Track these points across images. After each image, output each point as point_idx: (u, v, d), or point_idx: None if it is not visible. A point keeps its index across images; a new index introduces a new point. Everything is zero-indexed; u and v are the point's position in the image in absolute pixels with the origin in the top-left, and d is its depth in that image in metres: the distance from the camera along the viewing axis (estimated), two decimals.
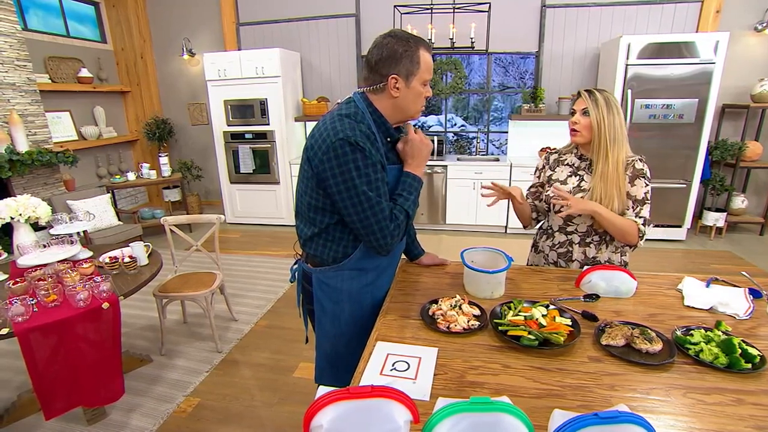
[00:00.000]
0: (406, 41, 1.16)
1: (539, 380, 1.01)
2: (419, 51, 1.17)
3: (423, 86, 1.22)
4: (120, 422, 2.05)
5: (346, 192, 1.15)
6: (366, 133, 1.16)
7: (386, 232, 1.19)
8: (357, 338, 1.35)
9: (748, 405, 0.92)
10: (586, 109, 1.49)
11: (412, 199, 1.26)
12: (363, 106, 1.22)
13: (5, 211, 2.12)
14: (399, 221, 1.21)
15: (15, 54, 3.66)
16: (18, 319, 1.68)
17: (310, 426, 0.74)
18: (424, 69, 1.19)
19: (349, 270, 1.31)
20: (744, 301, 1.33)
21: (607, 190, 1.50)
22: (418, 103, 1.24)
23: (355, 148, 1.12)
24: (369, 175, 1.14)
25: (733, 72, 4.19)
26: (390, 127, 1.26)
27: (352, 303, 1.34)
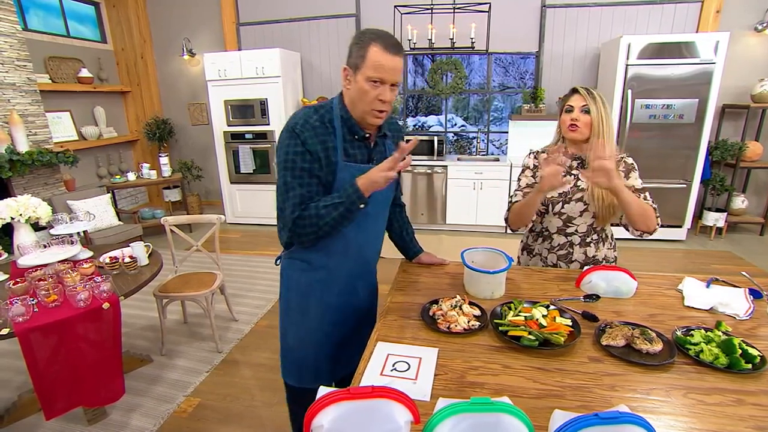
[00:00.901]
0: (362, 35, 1.17)
1: (539, 380, 1.01)
2: (369, 46, 1.13)
3: (370, 85, 1.15)
4: (120, 422, 2.05)
5: (278, 173, 1.24)
6: (314, 125, 1.19)
7: (291, 217, 1.20)
8: (306, 331, 1.39)
9: (749, 405, 0.92)
10: (585, 106, 1.49)
11: (335, 204, 1.18)
12: (336, 100, 1.26)
13: (6, 211, 2.13)
14: (306, 213, 1.19)
15: (15, 54, 3.66)
16: (18, 319, 1.68)
17: (311, 426, 0.74)
18: (369, 65, 1.13)
19: (299, 260, 1.35)
20: (744, 301, 1.33)
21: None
22: (365, 102, 1.18)
23: (292, 134, 1.18)
24: (295, 162, 1.18)
25: (734, 72, 4.19)
26: (354, 125, 1.24)
27: (299, 295, 1.37)
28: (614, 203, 1.51)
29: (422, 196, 4.79)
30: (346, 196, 1.18)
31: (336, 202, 1.18)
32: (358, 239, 1.34)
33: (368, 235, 1.39)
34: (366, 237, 1.37)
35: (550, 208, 1.63)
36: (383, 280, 1.63)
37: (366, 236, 1.37)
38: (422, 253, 1.68)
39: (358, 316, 1.48)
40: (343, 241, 1.31)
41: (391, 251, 1.71)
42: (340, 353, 1.46)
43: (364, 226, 1.33)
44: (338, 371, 1.49)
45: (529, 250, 1.77)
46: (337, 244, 1.31)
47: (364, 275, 1.46)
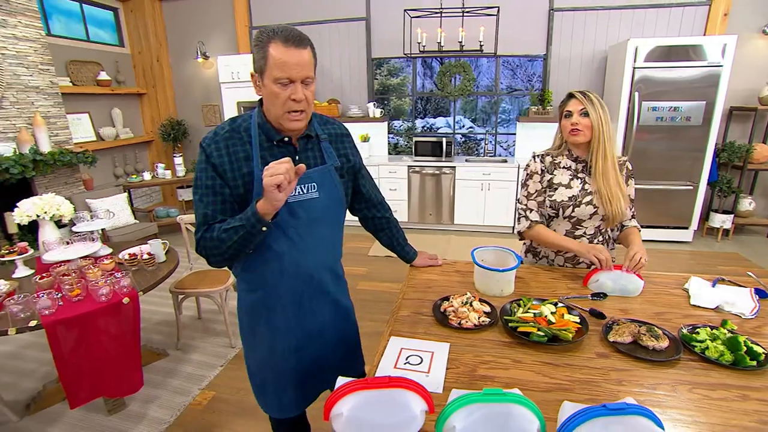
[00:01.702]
0: (259, 35, 1.05)
1: (548, 375, 1.06)
2: (269, 46, 1.02)
3: (279, 86, 1.04)
4: (139, 413, 2.12)
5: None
6: (223, 135, 1.11)
7: (196, 237, 1.13)
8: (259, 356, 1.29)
9: (753, 401, 0.95)
10: (584, 109, 1.52)
11: (235, 227, 1.06)
12: (257, 108, 1.17)
13: (32, 209, 2.21)
14: (208, 236, 1.10)
15: (39, 58, 3.78)
16: (45, 312, 1.76)
17: (331, 413, 0.79)
18: (272, 65, 1.02)
19: (242, 281, 1.26)
20: (750, 300, 1.36)
21: (611, 189, 1.54)
22: (277, 106, 1.07)
23: (201, 150, 1.13)
24: (200, 179, 1.12)
25: (741, 75, 4.18)
26: (270, 129, 1.13)
27: (247, 316, 1.27)
28: (621, 205, 1.55)
29: (430, 196, 4.84)
30: (245, 220, 1.05)
31: (236, 225, 1.06)
32: (294, 256, 1.18)
33: (307, 250, 1.20)
34: (303, 252, 1.19)
35: (561, 212, 1.64)
36: (391, 279, 1.66)
37: (303, 252, 1.19)
38: (417, 257, 1.66)
39: (322, 338, 1.31)
40: (276, 260, 1.17)
41: None
42: (307, 381, 1.31)
43: (299, 242, 1.17)
44: (310, 398, 1.36)
45: (535, 252, 1.79)
46: (271, 262, 1.17)
47: (314, 294, 1.26)
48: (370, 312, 2.98)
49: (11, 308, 1.71)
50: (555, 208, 1.64)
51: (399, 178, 4.82)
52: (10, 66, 3.56)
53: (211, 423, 2.07)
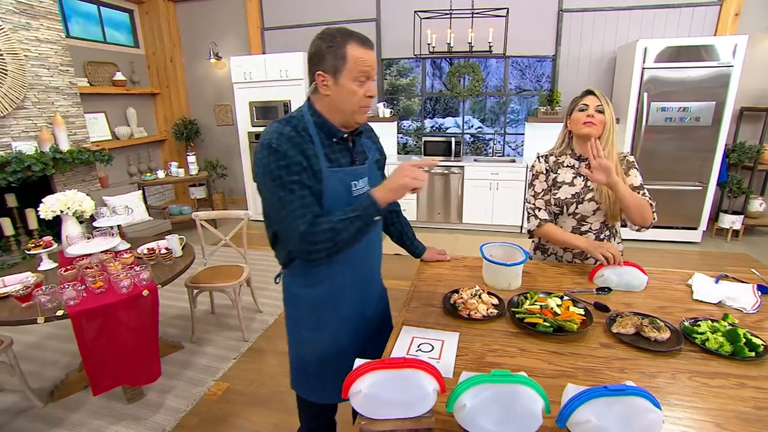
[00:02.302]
0: (332, 37, 1.11)
1: (554, 363, 1.11)
2: (346, 46, 1.09)
3: (358, 84, 1.13)
4: (156, 402, 2.20)
5: (267, 193, 1.15)
6: (289, 135, 1.12)
7: (296, 234, 1.10)
8: (323, 347, 1.33)
9: (750, 388, 0.99)
10: (600, 106, 1.57)
11: (352, 217, 1.11)
12: (305, 109, 1.20)
13: (56, 204, 2.30)
14: (319, 229, 1.10)
15: (59, 60, 3.90)
16: (71, 302, 1.85)
17: (350, 390, 0.85)
18: (352, 64, 1.10)
19: (301, 277, 1.29)
20: (752, 296, 1.39)
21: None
22: (353, 102, 1.15)
23: (270, 151, 1.10)
24: (281, 177, 1.10)
25: (753, 75, 4.18)
26: (332, 127, 1.19)
27: (310, 312, 1.31)
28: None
29: (439, 195, 4.88)
30: (362, 209, 1.11)
31: (351, 216, 1.11)
32: (359, 247, 1.24)
33: (368, 242, 1.31)
34: (366, 244, 1.29)
35: (565, 209, 1.68)
36: (401, 276, 1.70)
37: (366, 243, 1.28)
38: (425, 251, 1.71)
39: (374, 321, 1.44)
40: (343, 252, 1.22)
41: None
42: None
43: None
44: None
45: (543, 249, 1.83)
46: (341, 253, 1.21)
47: (370, 281, 1.40)
48: None
49: (40, 298, 1.80)
50: (559, 206, 1.69)
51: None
52: (32, 67, 3.68)
53: (225, 412, 2.14)
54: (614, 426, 0.78)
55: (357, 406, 0.82)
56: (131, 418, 2.09)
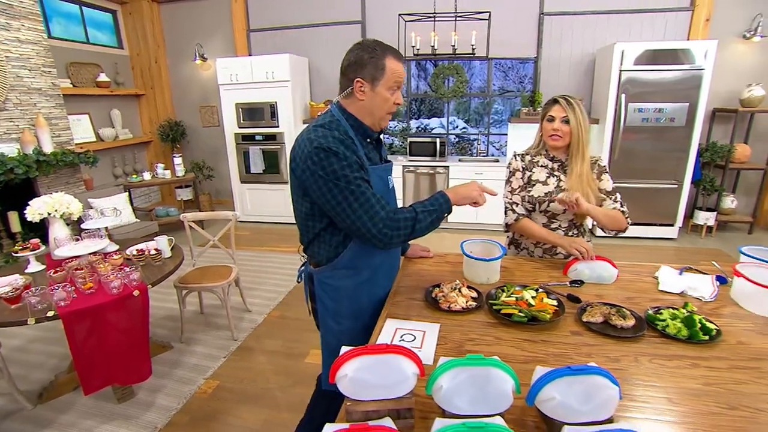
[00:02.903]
0: (373, 49, 1.23)
1: (527, 349, 1.19)
2: (385, 58, 1.23)
3: (390, 93, 1.27)
4: (147, 401, 2.23)
5: (329, 193, 1.21)
6: (340, 138, 1.22)
7: (377, 220, 1.20)
8: (361, 334, 1.41)
9: (702, 368, 1.09)
10: (566, 117, 1.66)
11: (431, 210, 1.28)
12: (338, 114, 1.30)
13: (43, 207, 2.31)
14: (401, 215, 1.23)
15: (41, 61, 3.87)
16: (61, 303, 1.87)
17: (337, 375, 0.91)
18: (389, 75, 1.24)
19: (344, 269, 1.37)
20: (710, 286, 1.50)
21: (583, 188, 1.68)
22: (384, 109, 1.29)
23: (329, 153, 1.19)
24: (347, 175, 1.19)
25: (723, 77, 4.37)
26: (367, 129, 1.32)
27: (350, 300, 1.40)
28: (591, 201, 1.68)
29: (425, 195, 4.95)
30: (438, 205, 1.29)
31: (430, 209, 1.27)
32: None
33: None
34: None
35: (537, 206, 1.78)
36: None
37: None
38: (409, 248, 1.82)
39: None
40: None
41: None
42: None
43: None
44: None
45: (517, 244, 1.93)
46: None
47: (396, 264, 1.61)
48: None
49: (30, 299, 1.82)
50: (532, 203, 1.79)
51: (394, 178, 4.89)
52: (13, 68, 3.65)
53: (216, 410, 2.18)
54: (576, 402, 0.87)
55: (343, 389, 0.88)
56: (122, 418, 2.12)
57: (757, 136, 4.55)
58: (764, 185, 4.60)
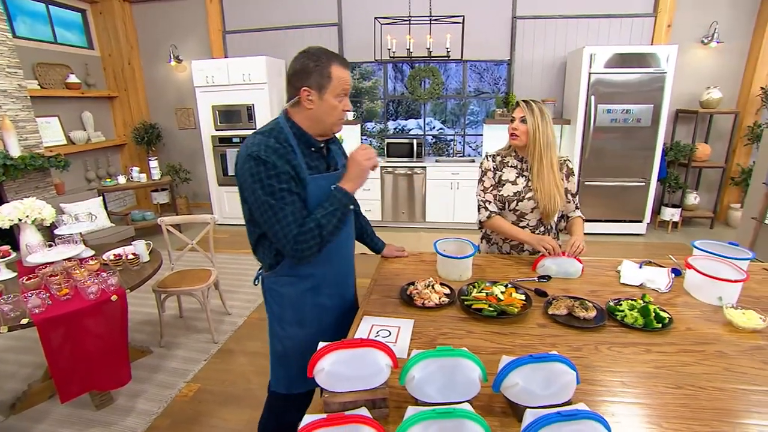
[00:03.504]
0: (318, 57, 1.21)
1: (495, 341, 1.26)
2: (331, 66, 1.21)
3: (338, 100, 1.26)
4: (126, 407, 2.22)
5: (255, 202, 1.23)
6: (274, 147, 1.21)
7: (290, 238, 1.21)
8: (306, 342, 1.39)
9: (654, 353, 1.18)
10: (524, 117, 1.75)
11: (331, 211, 1.24)
12: (282, 121, 1.29)
13: (14, 213, 2.26)
14: (307, 228, 1.22)
15: (6, 61, 3.75)
16: (36, 310, 1.84)
17: (315, 369, 0.96)
18: (336, 83, 1.23)
19: (286, 276, 1.37)
20: (666, 278, 1.61)
21: (546, 189, 1.77)
22: (334, 116, 1.27)
23: (259, 162, 1.19)
24: (272, 186, 1.19)
25: (685, 80, 4.60)
26: (310, 137, 1.30)
27: (293, 308, 1.40)
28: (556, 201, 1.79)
29: (403, 195, 5.04)
30: (337, 202, 1.25)
31: (331, 210, 1.24)
32: (339, 242, 1.39)
33: (346, 237, 1.45)
34: (344, 239, 1.44)
35: (506, 205, 1.87)
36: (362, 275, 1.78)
37: (345, 238, 1.44)
38: (385, 247, 1.84)
39: (352, 311, 1.54)
40: (325, 249, 1.33)
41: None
42: None
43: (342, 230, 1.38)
44: None
45: (488, 239, 2.02)
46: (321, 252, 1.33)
47: (349, 273, 1.54)
48: None
49: (2, 307, 1.79)
50: (502, 202, 1.87)
51: (372, 179, 5.00)
52: None
53: (198, 412, 2.19)
54: (538, 387, 0.94)
55: (320, 382, 0.93)
56: (101, 424, 2.10)
57: (716, 136, 4.81)
58: (723, 183, 4.87)
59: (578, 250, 1.70)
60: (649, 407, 0.98)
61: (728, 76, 4.63)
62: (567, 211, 1.91)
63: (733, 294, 1.42)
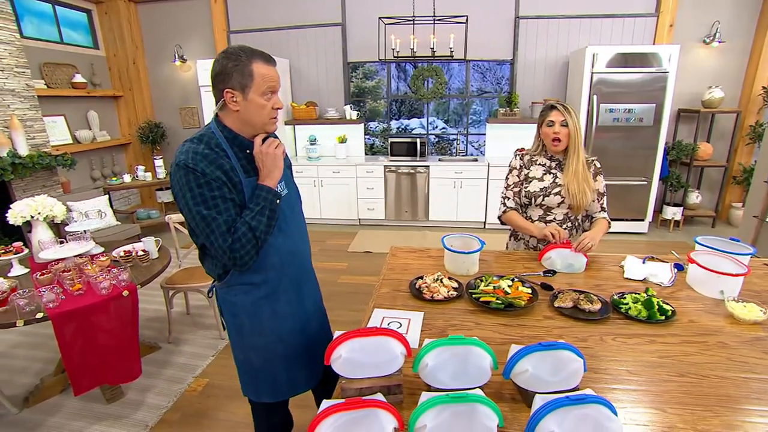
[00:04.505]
0: (237, 56, 1.16)
1: (504, 333, 1.30)
2: (252, 64, 1.16)
3: (266, 99, 1.20)
4: (137, 401, 2.26)
5: (188, 213, 1.20)
6: (204, 153, 1.17)
7: (225, 246, 1.18)
8: (268, 348, 1.38)
9: (657, 343, 1.22)
10: (564, 120, 1.79)
11: (258, 210, 1.21)
12: (213, 126, 1.24)
13: (26, 210, 2.30)
14: (240, 234, 1.18)
15: (14, 61, 3.79)
16: (50, 305, 1.89)
17: (332, 357, 1.00)
18: (259, 81, 1.17)
19: (239, 285, 1.32)
20: (669, 272, 1.65)
21: (579, 184, 1.81)
22: (263, 115, 1.22)
23: (188, 171, 1.15)
24: (204, 194, 1.16)
25: (687, 80, 4.62)
26: (243, 140, 1.25)
27: (249, 316, 1.35)
28: (587, 197, 1.83)
29: (406, 194, 5.07)
30: (262, 199, 1.22)
31: (258, 209, 1.21)
32: (288, 246, 1.35)
33: (295, 239, 1.39)
34: (294, 241, 1.38)
35: (533, 200, 1.92)
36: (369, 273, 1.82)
37: (294, 240, 1.38)
38: None
39: (318, 317, 1.52)
40: (276, 254, 1.32)
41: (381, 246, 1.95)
42: (310, 357, 1.47)
43: (288, 231, 1.35)
44: (315, 371, 1.50)
45: (516, 236, 2.09)
46: (271, 257, 1.31)
47: (306, 277, 1.46)
48: (350, 303, 3.18)
49: (18, 302, 1.83)
50: (528, 198, 1.94)
51: (376, 178, 5.04)
52: None
53: (207, 406, 2.22)
54: (546, 373, 0.97)
55: (337, 369, 0.97)
56: (112, 418, 2.14)
57: (718, 136, 4.83)
58: (725, 182, 4.89)
59: (585, 247, 1.72)
60: (653, 393, 1.01)
61: (730, 76, 4.65)
62: (592, 211, 1.95)
63: (734, 288, 1.45)
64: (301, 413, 1.82)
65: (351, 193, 5.11)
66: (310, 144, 5.42)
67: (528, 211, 1.99)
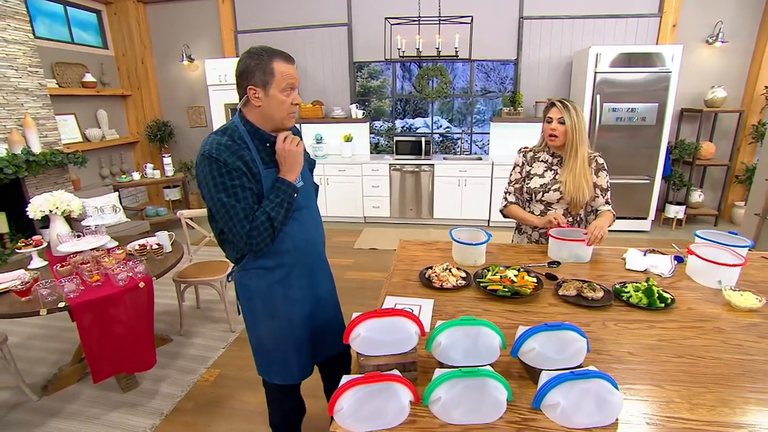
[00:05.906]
0: (259, 55, 1.25)
1: (510, 318, 1.35)
2: (272, 62, 1.25)
3: (285, 95, 1.29)
4: (151, 390, 2.33)
5: (210, 200, 1.28)
6: (227, 144, 1.25)
7: (243, 233, 1.26)
8: (279, 331, 1.46)
9: (657, 328, 1.28)
10: (561, 118, 1.84)
11: (278, 202, 1.30)
12: (237, 120, 1.33)
13: (44, 204, 2.37)
14: (258, 222, 1.27)
15: (28, 61, 3.87)
16: (71, 295, 1.96)
17: (351, 335, 1.06)
18: (279, 78, 1.26)
19: (254, 269, 1.40)
20: (669, 264, 1.70)
21: (576, 181, 1.87)
22: (283, 110, 1.31)
23: (212, 161, 1.24)
24: (225, 183, 1.24)
25: (689, 79, 4.67)
26: (264, 133, 1.33)
27: (263, 299, 1.42)
28: (582, 195, 1.88)
29: (411, 192, 5.14)
30: (282, 192, 1.30)
31: (277, 201, 1.29)
32: (302, 234, 1.42)
33: (309, 228, 1.46)
34: (308, 230, 1.46)
35: (534, 196, 1.98)
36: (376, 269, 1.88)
37: (308, 229, 1.45)
38: None
39: (326, 303, 1.58)
40: (290, 240, 1.39)
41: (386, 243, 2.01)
42: (318, 341, 1.55)
43: (303, 221, 1.42)
44: (320, 356, 1.59)
45: (520, 230, 2.16)
46: (285, 243, 1.38)
47: (319, 264, 1.53)
48: (357, 298, 3.25)
49: (41, 291, 1.90)
50: (530, 193, 2.00)
51: (381, 176, 5.10)
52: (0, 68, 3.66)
53: (219, 396, 2.29)
54: (552, 352, 1.03)
55: (356, 347, 1.03)
56: (128, 405, 2.21)
57: (720, 135, 4.88)
58: (727, 180, 4.93)
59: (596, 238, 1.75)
60: (652, 372, 1.07)
61: (733, 75, 4.70)
62: (597, 206, 2.00)
63: (732, 278, 1.50)
64: (312, 402, 1.88)
65: (356, 191, 5.18)
66: (317, 142, 5.49)
67: (529, 207, 2.05)
